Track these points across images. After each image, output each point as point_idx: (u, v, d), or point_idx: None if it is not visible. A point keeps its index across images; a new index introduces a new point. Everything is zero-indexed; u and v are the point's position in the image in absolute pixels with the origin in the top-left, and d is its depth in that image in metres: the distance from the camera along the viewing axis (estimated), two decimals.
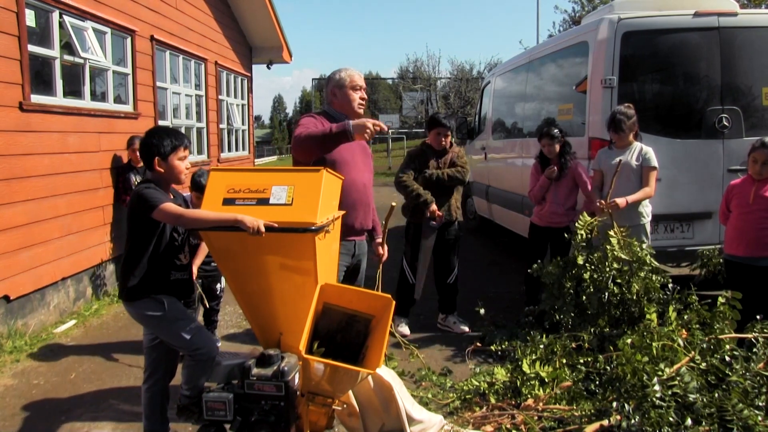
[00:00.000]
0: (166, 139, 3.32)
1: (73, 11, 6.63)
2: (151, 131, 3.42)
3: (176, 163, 3.36)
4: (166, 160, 3.32)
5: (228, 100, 12.65)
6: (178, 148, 3.36)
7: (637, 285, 4.44)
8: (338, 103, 3.98)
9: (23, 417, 4.26)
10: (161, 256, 3.32)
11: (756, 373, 3.33)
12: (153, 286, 3.31)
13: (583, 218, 4.88)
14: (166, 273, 3.36)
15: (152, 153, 3.33)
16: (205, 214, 3.04)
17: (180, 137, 3.40)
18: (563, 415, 3.51)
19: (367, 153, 4.11)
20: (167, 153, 3.32)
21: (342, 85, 3.95)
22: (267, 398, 3.03)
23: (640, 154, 5.15)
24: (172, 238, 3.36)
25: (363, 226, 3.97)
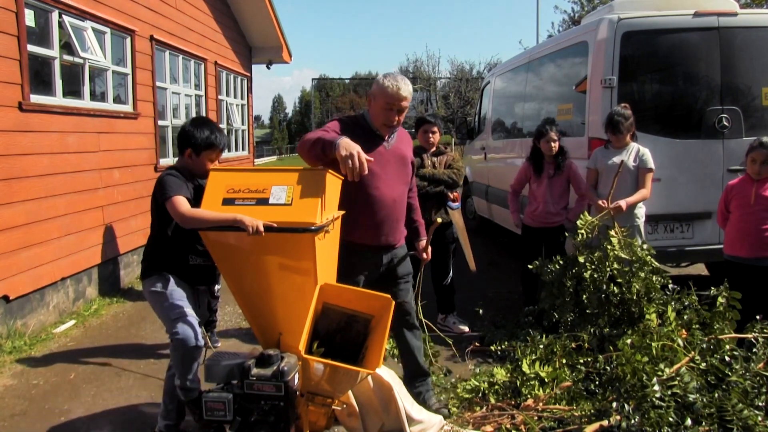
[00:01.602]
0: (205, 133, 3.43)
1: (72, 11, 6.62)
2: (197, 120, 3.53)
3: (205, 161, 3.46)
4: (198, 155, 3.45)
5: (228, 100, 12.65)
6: (214, 149, 3.46)
7: (637, 285, 4.44)
8: (372, 112, 3.60)
9: (22, 417, 4.25)
10: (181, 240, 3.43)
11: (756, 373, 3.33)
12: (169, 267, 3.46)
13: (584, 218, 4.88)
14: (184, 257, 3.48)
15: (188, 142, 3.45)
16: (206, 214, 3.06)
17: (219, 139, 3.48)
18: (563, 415, 3.51)
19: (404, 162, 3.76)
20: (201, 148, 3.44)
21: (376, 95, 3.51)
22: (266, 398, 3.03)
23: (637, 155, 5.17)
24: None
25: (390, 242, 3.71)
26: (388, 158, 3.59)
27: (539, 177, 5.65)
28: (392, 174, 3.62)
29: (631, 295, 4.44)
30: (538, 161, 5.65)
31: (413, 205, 4.04)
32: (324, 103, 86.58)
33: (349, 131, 3.34)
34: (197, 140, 3.42)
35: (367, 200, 3.53)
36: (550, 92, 7.40)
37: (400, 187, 3.71)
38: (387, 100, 3.45)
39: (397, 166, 3.67)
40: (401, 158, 3.71)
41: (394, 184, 3.64)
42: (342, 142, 3.05)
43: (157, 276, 3.46)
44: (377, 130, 3.59)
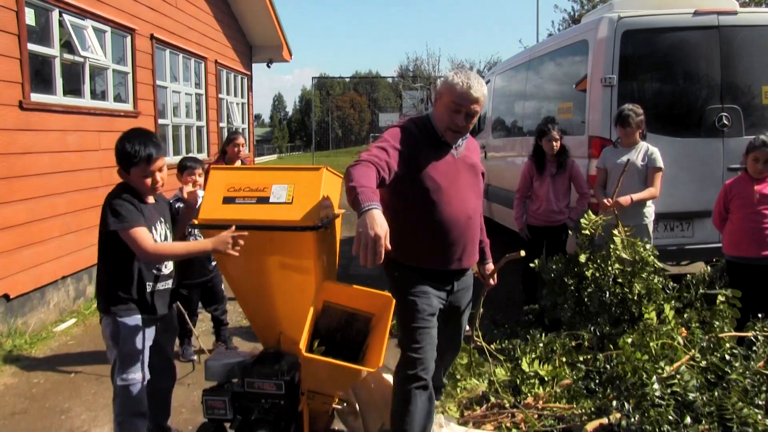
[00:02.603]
0: (141, 146, 3.02)
1: (72, 10, 6.62)
2: (128, 136, 3.08)
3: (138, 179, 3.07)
4: (128, 171, 3.06)
5: (228, 99, 12.65)
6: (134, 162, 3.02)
7: (638, 285, 4.44)
8: (436, 112, 3.08)
9: (23, 416, 4.26)
10: (135, 267, 3.08)
11: (756, 372, 3.33)
12: (127, 299, 3.07)
13: (588, 217, 4.88)
14: (142, 284, 3.10)
15: (129, 161, 3.03)
16: (173, 248, 3.06)
17: (157, 147, 3.07)
18: (563, 414, 3.51)
19: (476, 172, 3.23)
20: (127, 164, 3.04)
21: (442, 93, 3.03)
22: (267, 397, 3.03)
23: (645, 154, 5.16)
24: None
25: (463, 265, 3.19)
26: (458, 168, 3.10)
27: (541, 175, 5.66)
28: (464, 186, 3.11)
29: (633, 295, 4.44)
30: (540, 160, 5.67)
31: (481, 229, 3.46)
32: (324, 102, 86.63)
33: (412, 140, 2.97)
34: (119, 156, 3.04)
35: (436, 219, 3.02)
36: (550, 91, 7.40)
37: (475, 201, 3.20)
38: (454, 99, 2.94)
39: (468, 176, 3.15)
40: (472, 167, 3.19)
41: (468, 197, 3.13)
42: (367, 218, 2.46)
43: (110, 319, 3.08)
44: (443, 136, 3.06)
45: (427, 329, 3.03)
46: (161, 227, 3.20)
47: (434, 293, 3.10)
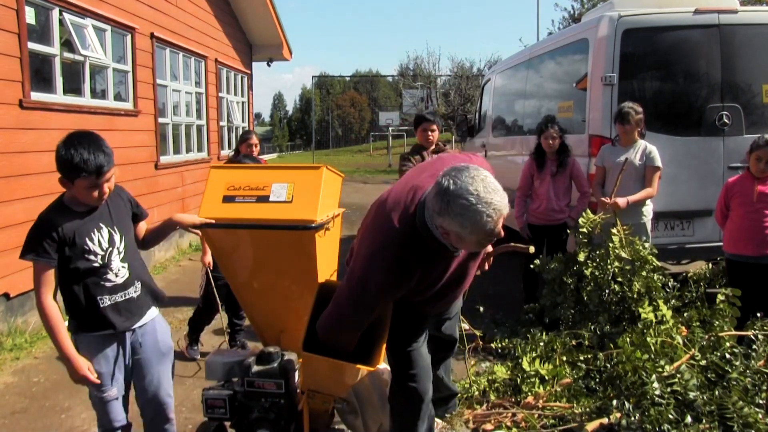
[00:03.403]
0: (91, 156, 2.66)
1: (73, 9, 6.62)
2: (73, 142, 2.71)
3: (83, 191, 2.74)
4: (72, 182, 2.73)
5: (228, 98, 12.64)
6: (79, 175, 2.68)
7: (638, 284, 4.44)
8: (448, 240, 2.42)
9: (23, 415, 4.26)
10: (78, 284, 2.75)
11: (756, 371, 3.33)
12: (79, 316, 2.77)
13: (586, 215, 4.88)
14: (91, 300, 2.75)
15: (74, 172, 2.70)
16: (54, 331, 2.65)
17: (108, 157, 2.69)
18: (563, 413, 3.51)
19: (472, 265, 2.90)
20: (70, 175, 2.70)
21: (462, 236, 2.31)
22: (267, 396, 3.03)
23: (644, 153, 5.16)
24: (85, 260, 2.74)
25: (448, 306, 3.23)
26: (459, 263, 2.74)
27: (542, 174, 5.67)
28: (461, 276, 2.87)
29: (632, 294, 4.44)
30: (541, 158, 5.67)
31: None
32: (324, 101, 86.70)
33: (407, 269, 2.52)
34: (63, 164, 2.71)
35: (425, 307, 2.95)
36: (551, 90, 7.40)
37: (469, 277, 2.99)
38: (485, 237, 2.31)
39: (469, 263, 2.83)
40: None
41: (463, 283, 2.96)
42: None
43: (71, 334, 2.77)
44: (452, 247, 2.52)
45: (416, 350, 2.98)
46: (101, 233, 2.80)
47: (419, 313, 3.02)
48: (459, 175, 2.26)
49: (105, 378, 2.81)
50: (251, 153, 5.79)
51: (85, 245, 2.73)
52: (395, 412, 3.06)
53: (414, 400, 2.97)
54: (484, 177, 2.25)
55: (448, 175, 2.28)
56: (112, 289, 2.79)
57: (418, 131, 5.58)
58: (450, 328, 3.51)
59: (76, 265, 2.71)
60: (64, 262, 2.70)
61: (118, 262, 2.81)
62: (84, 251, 2.72)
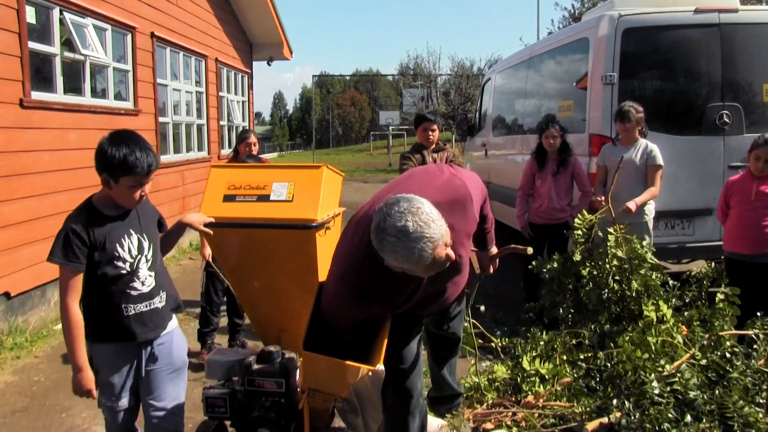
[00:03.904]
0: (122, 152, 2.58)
1: (73, 8, 6.62)
2: (115, 135, 2.68)
3: (126, 191, 2.65)
4: (116, 181, 2.63)
5: (228, 97, 12.64)
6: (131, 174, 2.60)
7: (636, 282, 4.44)
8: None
9: (23, 414, 4.26)
10: (103, 291, 2.66)
11: (756, 370, 3.33)
12: (99, 324, 2.68)
13: (582, 215, 4.88)
14: (116, 310, 2.67)
15: (102, 164, 2.65)
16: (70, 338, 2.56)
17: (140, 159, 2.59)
18: (564, 412, 3.51)
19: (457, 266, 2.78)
20: (117, 172, 2.61)
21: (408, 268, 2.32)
22: (268, 395, 3.04)
23: (645, 152, 5.17)
24: (114, 266, 2.65)
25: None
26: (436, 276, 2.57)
27: (543, 173, 5.67)
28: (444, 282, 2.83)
29: (631, 292, 4.43)
30: (542, 157, 5.67)
31: (487, 216, 3.28)
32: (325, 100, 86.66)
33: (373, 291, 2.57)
34: (112, 162, 2.59)
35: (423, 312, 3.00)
36: (551, 89, 7.39)
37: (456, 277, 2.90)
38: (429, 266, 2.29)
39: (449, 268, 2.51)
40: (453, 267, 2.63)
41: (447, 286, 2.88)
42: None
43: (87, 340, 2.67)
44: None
45: (408, 347, 3.00)
46: (131, 240, 2.71)
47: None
48: (389, 211, 2.24)
49: (116, 389, 2.75)
50: (250, 152, 5.80)
51: (115, 251, 2.65)
52: (387, 407, 3.08)
53: (403, 395, 2.98)
54: (416, 209, 2.21)
55: (381, 211, 2.27)
56: (137, 297, 2.71)
57: (418, 131, 5.57)
58: (452, 326, 3.49)
59: (104, 270, 2.63)
60: (91, 267, 2.62)
61: (145, 270, 2.73)
62: (113, 257, 2.64)
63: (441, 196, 2.56)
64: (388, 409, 3.06)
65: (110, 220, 2.68)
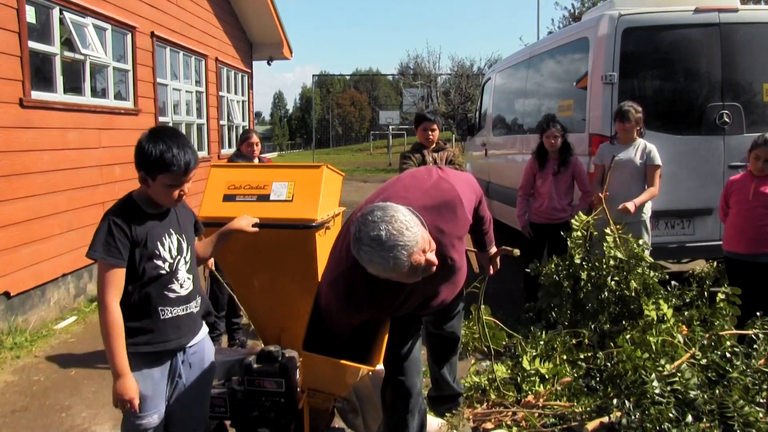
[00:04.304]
0: (159, 148, 2.44)
1: (73, 7, 6.62)
2: (154, 132, 2.53)
3: (163, 189, 2.51)
4: (154, 179, 2.48)
5: (228, 97, 12.64)
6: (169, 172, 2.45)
7: (635, 282, 4.43)
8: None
9: (23, 413, 4.26)
10: (140, 291, 2.51)
11: (756, 370, 3.33)
12: (133, 328, 2.48)
13: (578, 217, 4.89)
14: (153, 312, 2.53)
15: (139, 161, 2.50)
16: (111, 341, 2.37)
17: (178, 157, 2.45)
18: (564, 412, 3.51)
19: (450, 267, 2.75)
20: (154, 170, 2.46)
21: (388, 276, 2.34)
22: (268, 395, 3.04)
23: (643, 152, 5.18)
24: (154, 265, 2.52)
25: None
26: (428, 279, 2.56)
27: (544, 172, 5.67)
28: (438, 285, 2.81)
29: (630, 292, 4.43)
30: (543, 157, 5.68)
31: (483, 216, 3.31)
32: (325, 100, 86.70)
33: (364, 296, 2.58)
34: (148, 158, 2.45)
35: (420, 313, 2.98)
36: (551, 88, 7.39)
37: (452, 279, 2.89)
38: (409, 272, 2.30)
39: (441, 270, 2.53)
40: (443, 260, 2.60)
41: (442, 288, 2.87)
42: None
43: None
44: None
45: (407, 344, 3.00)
46: (171, 239, 2.59)
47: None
48: (364, 221, 2.25)
49: (148, 403, 2.52)
50: (252, 152, 5.79)
51: (156, 249, 2.52)
52: (386, 405, 3.08)
53: (402, 394, 2.98)
54: (389, 218, 2.21)
55: (357, 222, 2.29)
56: (175, 300, 2.58)
57: (418, 130, 5.57)
58: (452, 326, 3.48)
59: (143, 269, 2.49)
60: (130, 265, 2.47)
61: (184, 272, 2.61)
62: (154, 256, 2.50)
63: (428, 200, 2.58)
64: (388, 407, 3.06)
65: (150, 217, 2.55)
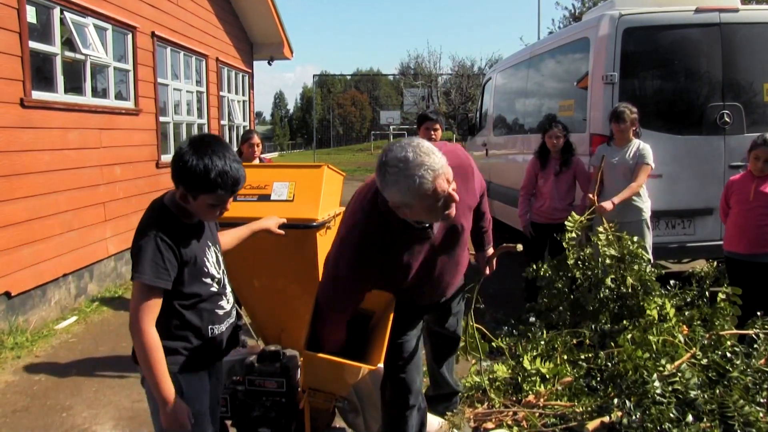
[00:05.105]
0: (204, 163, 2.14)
1: (73, 7, 6.62)
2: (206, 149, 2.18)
3: (207, 209, 2.26)
4: (195, 197, 2.21)
5: (229, 97, 12.64)
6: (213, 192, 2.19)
7: (631, 278, 4.44)
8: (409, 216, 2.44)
9: (24, 413, 4.27)
10: (192, 313, 2.33)
11: (757, 369, 3.33)
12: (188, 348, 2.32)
13: (572, 217, 4.89)
14: (206, 331, 2.37)
15: (181, 176, 2.18)
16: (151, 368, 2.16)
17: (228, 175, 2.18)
18: (564, 412, 3.51)
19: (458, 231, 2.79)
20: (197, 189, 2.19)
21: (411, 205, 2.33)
22: (268, 394, 3.03)
23: (637, 152, 5.18)
24: (203, 284, 2.34)
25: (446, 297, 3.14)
26: (437, 249, 2.73)
27: (545, 172, 5.67)
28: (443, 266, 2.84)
29: (626, 289, 4.43)
30: (545, 157, 5.68)
31: (485, 212, 3.35)
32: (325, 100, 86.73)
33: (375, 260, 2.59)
34: (192, 176, 2.15)
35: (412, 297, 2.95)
36: (552, 88, 7.39)
37: (456, 268, 2.97)
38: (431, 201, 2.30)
39: (450, 249, 2.78)
40: (452, 232, 2.76)
41: (445, 267, 2.86)
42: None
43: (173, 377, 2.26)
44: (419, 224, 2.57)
45: (407, 342, 3.01)
46: (212, 251, 2.43)
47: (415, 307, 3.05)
48: (392, 147, 2.33)
49: (204, 419, 2.41)
50: (253, 153, 5.78)
51: (205, 267, 2.33)
52: (385, 402, 3.08)
53: (402, 391, 2.99)
54: (416, 144, 2.28)
55: (383, 152, 2.36)
56: (222, 317, 2.44)
57: (421, 130, 5.58)
58: (452, 324, 3.49)
59: (194, 289, 2.30)
60: (178, 285, 2.25)
61: (227, 285, 2.48)
62: (203, 273, 2.32)
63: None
64: (387, 404, 3.06)
65: (190, 230, 2.32)
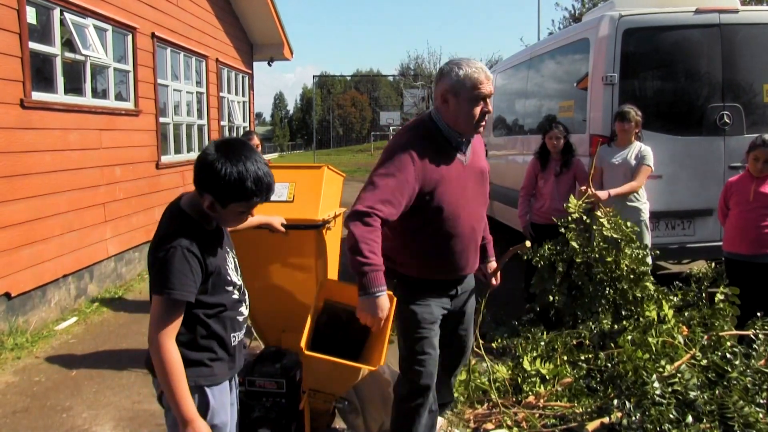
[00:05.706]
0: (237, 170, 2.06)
1: (73, 8, 6.62)
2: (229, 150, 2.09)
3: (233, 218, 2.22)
4: (225, 206, 2.12)
5: (229, 97, 12.64)
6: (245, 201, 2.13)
7: (625, 261, 4.45)
8: (450, 114, 2.86)
9: (24, 414, 4.26)
10: (216, 322, 2.22)
11: (756, 370, 3.33)
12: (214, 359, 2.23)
13: (572, 200, 4.90)
14: (228, 341, 2.27)
15: (208, 184, 2.08)
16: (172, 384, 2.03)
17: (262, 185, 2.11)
18: (564, 412, 3.52)
19: (483, 178, 3.10)
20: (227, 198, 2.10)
21: (458, 91, 2.81)
22: (268, 395, 3.04)
23: (639, 153, 5.19)
24: (227, 292, 2.25)
25: (466, 273, 3.12)
26: (467, 176, 2.96)
27: (546, 173, 5.68)
28: (472, 197, 2.99)
29: (621, 272, 4.44)
30: (545, 157, 5.68)
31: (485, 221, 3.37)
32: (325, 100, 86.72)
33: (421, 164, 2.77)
34: (223, 184, 2.06)
35: (444, 234, 2.91)
36: (552, 89, 7.40)
37: (480, 211, 3.10)
38: (476, 92, 2.80)
39: (476, 184, 3.02)
40: (480, 173, 3.07)
41: (474, 208, 3.02)
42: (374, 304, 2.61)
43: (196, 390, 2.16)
44: (454, 140, 2.91)
45: (428, 338, 2.97)
46: (231, 257, 2.36)
47: (436, 301, 3.01)
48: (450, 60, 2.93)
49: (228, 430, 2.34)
50: None
51: (228, 275, 2.25)
52: (398, 398, 3.05)
53: (419, 386, 2.96)
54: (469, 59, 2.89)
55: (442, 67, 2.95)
56: (242, 323, 2.34)
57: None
58: (465, 329, 3.35)
59: (218, 299, 2.21)
60: (202, 295, 2.15)
61: (246, 292, 2.40)
62: (226, 282, 2.23)
63: None
64: (400, 399, 3.03)
65: (210, 237, 2.22)
